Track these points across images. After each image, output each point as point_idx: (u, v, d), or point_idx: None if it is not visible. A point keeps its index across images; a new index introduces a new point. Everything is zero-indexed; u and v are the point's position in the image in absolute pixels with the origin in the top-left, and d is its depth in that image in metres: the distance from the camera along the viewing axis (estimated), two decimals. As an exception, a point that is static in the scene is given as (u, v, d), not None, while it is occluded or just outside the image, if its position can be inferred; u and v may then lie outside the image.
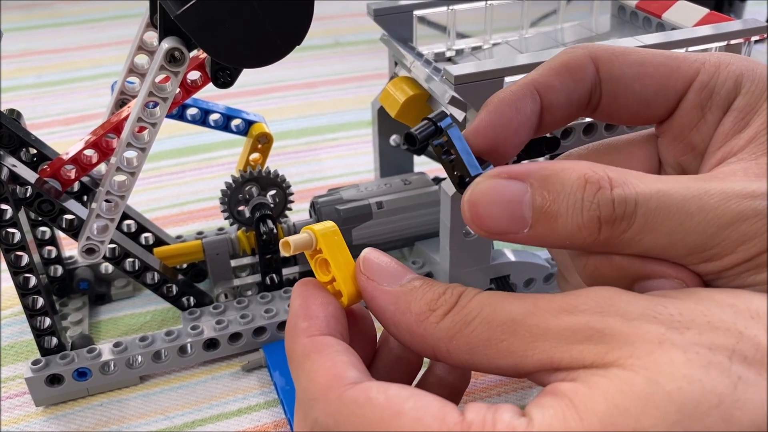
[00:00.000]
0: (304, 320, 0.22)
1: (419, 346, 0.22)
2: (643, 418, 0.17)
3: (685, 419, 0.16)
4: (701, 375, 0.17)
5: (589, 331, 0.19)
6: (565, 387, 0.18)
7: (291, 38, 0.31)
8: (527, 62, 0.35)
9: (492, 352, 0.20)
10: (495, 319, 0.20)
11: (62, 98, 0.76)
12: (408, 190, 0.46)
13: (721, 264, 0.20)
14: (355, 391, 0.20)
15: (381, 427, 0.19)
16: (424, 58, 0.42)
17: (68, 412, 0.39)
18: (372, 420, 0.19)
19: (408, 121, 0.42)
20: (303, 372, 0.21)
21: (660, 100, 0.24)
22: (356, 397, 0.20)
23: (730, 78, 0.23)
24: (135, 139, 0.35)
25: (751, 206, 0.20)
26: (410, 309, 0.22)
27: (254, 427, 0.38)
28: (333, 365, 0.21)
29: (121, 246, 0.40)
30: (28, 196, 0.36)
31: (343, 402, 0.20)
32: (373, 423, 0.19)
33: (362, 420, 0.19)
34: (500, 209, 0.21)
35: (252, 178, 0.43)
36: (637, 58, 0.24)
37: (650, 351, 0.18)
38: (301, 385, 0.21)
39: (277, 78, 0.79)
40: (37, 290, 0.37)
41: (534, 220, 0.21)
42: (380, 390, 0.20)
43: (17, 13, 0.98)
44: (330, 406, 0.20)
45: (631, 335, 0.18)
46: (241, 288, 0.45)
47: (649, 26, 0.46)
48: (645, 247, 0.21)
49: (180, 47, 0.32)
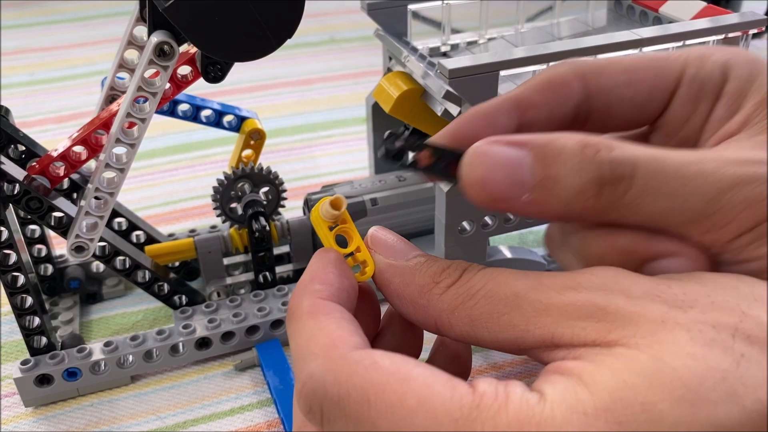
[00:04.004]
0: (319, 283, 0.22)
1: (422, 318, 0.22)
2: (651, 394, 0.17)
3: (690, 394, 0.17)
4: (705, 352, 0.17)
5: (592, 308, 0.19)
6: (571, 365, 0.18)
7: (282, 32, 0.31)
8: (523, 56, 0.34)
9: (493, 325, 0.20)
10: (498, 293, 0.20)
11: (55, 96, 0.75)
12: (403, 186, 0.46)
13: (723, 234, 0.20)
14: (359, 353, 0.19)
15: (386, 389, 0.18)
16: (419, 53, 0.41)
17: (58, 412, 0.38)
18: (377, 382, 0.18)
19: (402, 116, 0.41)
20: (304, 329, 0.21)
21: (653, 102, 0.24)
22: (361, 358, 0.19)
23: (716, 67, 0.23)
24: (124, 135, 0.34)
25: (750, 171, 0.19)
26: (415, 281, 0.22)
27: (247, 427, 0.37)
28: (338, 328, 0.20)
29: (111, 244, 0.40)
30: (15, 194, 0.35)
31: (346, 361, 0.19)
32: (378, 385, 0.18)
33: (365, 381, 0.18)
34: (500, 173, 0.21)
35: (244, 174, 0.43)
36: (624, 66, 0.24)
37: (654, 330, 0.18)
38: (299, 342, 0.21)
39: (271, 75, 0.78)
40: (26, 289, 0.37)
41: (534, 185, 0.20)
42: (386, 356, 0.19)
43: (10, 11, 0.98)
44: (330, 363, 0.19)
45: (635, 314, 0.18)
46: (234, 286, 0.45)
47: (646, 20, 0.45)
48: (645, 213, 0.20)
49: (169, 41, 0.32)
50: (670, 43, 0.37)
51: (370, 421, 0.18)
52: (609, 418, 0.17)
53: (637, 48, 0.36)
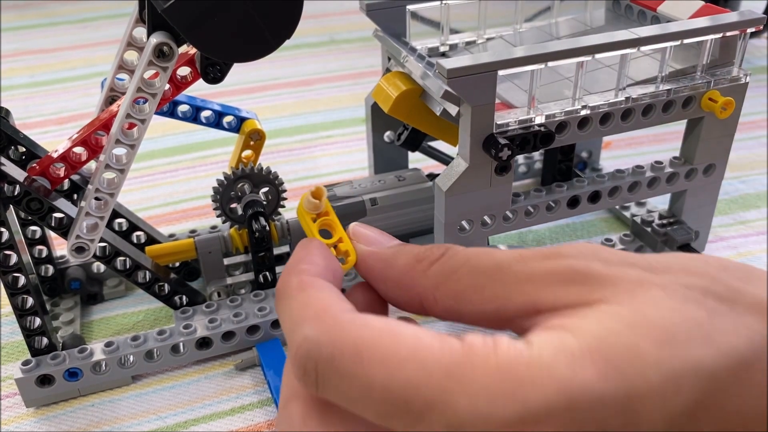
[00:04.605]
0: (306, 264, 0.23)
1: (407, 298, 0.23)
2: (633, 337, 0.18)
3: (670, 337, 0.18)
4: (680, 306, 0.19)
5: (572, 273, 0.20)
6: (556, 322, 0.19)
7: (281, 32, 0.31)
8: (521, 55, 0.34)
9: (477, 298, 0.21)
10: (481, 266, 0.21)
11: (55, 97, 0.75)
12: (402, 186, 0.46)
13: None
14: (351, 315, 0.20)
15: (378, 344, 0.19)
16: (418, 53, 0.41)
17: (59, 412, 0.38)
18: (368, 338, 0.19)
19: (401, 116, 0.41)
20: (295, 302, 0.21)
21: None
22: (353, 318, 0.20)
23: None
24: (124, 136, 0.34)
25: None
26: (398, 263, 0.23)
27: (247, 427, 0.37)
28: (328, 297, 0.21)
29: (111, 245, 0.40)
30: (16, 195, 0.36)
31: (339, 321, 0.20)
32: (370, 341, 0.19)
33: (357, 338, 0.19)
34: None
35: (244, 175, 0.43)
36: None
37: (632, 289, 0.19)
38: (290, 314, 0.21)
39: (271, 76, 0.78)
40: (27, 290, 0.37)
41: None
42: (376, 317, 0.20)
43: (11, 13, 0.98)
44: (323, 325, 0.20)
45: (614, 276, 0.20)
46: (235, 286, 0.45)
47: (644, 19, 0.45)
48: None
49: (168, 42, 0.32)
50: (669, 42, 0.37)
51: (364, 375, 0.19)
52: (595, 357, 0.18)
53: (635, 47, 0.36)
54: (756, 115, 0.67)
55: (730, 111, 0.40)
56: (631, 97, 0.38)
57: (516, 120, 0.36)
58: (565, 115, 0.38)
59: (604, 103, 0.38)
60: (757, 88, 0.72)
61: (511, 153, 0.35)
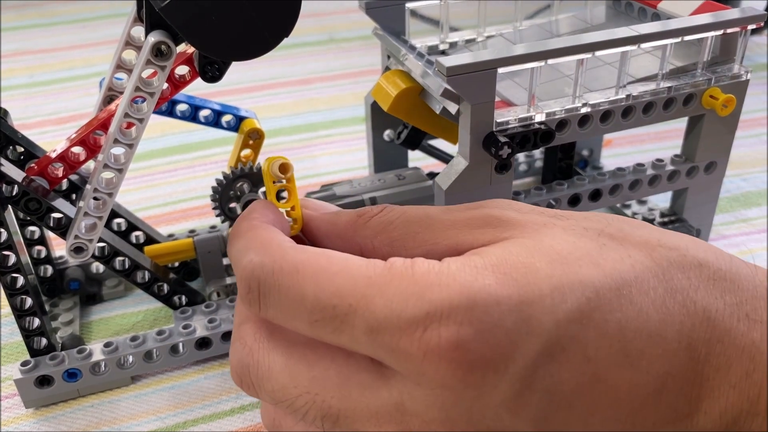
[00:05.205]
0: (258, 214, 0.26)
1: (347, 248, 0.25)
2: (530, 257, 0.21)
3: (562, 259, 0.21)
4: (576, 239, 0.22)
5: (489, 218, 0.24)
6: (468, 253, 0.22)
7: (279, 30, 0.30)
8: (520, 53, 0.34)
9: (409, 243, 0.24)
10: (413, 217, 0.25)
11: (54, 97, 0.75)
12: (402, 185, 0.46)
13: None
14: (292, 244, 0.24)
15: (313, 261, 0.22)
16: (417, 51, 0.41)
17: (59, 413, 0.38)
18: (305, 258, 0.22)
19: (401, 115, 0.41)
20: (243, 238, 0.24)
21: None
22: (294, 246, 0.23)
23: None
24: (122, 136, 0.34)
25: None
26: (341, 219, 0.26)
27: (247, 427, 0.37)
28: (275, 233, 0.24)
29: (110, 245, 0.40)
30: (14, 195, 0.35)
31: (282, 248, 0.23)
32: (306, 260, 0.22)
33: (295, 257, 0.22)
34: None
35: (243, 174, 0.43)
36: None
37: (537, 229, 0.23)
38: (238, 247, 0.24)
39: (271, 75, 0.78)
40: (25, 290, 0.37)
41: None
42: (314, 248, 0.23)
43: (10, 13, 0.98)
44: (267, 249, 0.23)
45: (523, 220, 0.23)
46: (234, 286, 0.45)
47: (645, 17, 0.45)
48: None
49: (166, 41, 0.31)
50: (669, 39, 0.37)
51: (299, 287, 0.22)
52: (495, 270, 0.21)
53: (635, 44, 0.36)
54: (758, 113, 0.67)
55: (731, 108, 0.40)
56: (631, 95, 0.38)
57: (516, 118, 0.36)
58: (565, 112, 0.37)
59: (604, 101, 0.38)
60: (759, 85, 0.71)
61: (511, 151, 0.35)
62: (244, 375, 0.24)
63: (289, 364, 0.23)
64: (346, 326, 0.21)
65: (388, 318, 0.20)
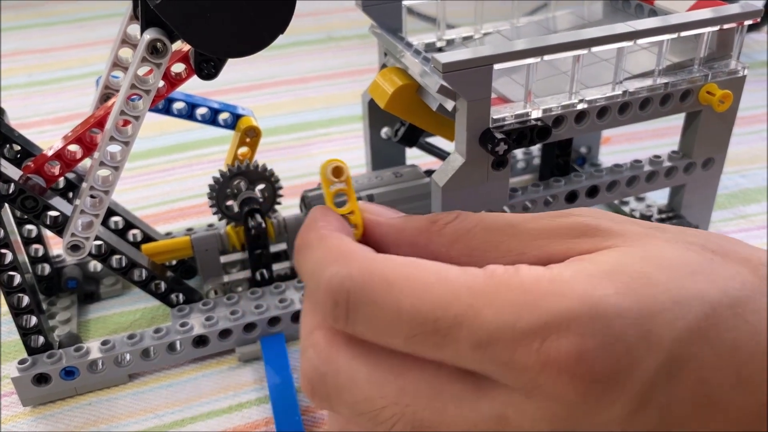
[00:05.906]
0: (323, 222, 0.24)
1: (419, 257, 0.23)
2: (645, 266, 0.20)
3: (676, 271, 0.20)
4: (683, 252, 0.21)
5: (583, 227, 0.22)
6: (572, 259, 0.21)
7: (275, 27, 0.31)
8: (516, 49, 0.34)
9: (491, 254, 0.22)
10: (494, 225, 0.23)
11: (53, 97, 0.75)
12: (399, 182, 0.46)
13: None
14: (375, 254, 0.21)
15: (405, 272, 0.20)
16: (414, 49, 0.41)
17: (56, 411, 0.38)
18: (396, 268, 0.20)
19: (398, 112, 0.41)
20: (317, 250, 0.22)
21: None
22: (377, 256, 0.21)
23: None
24: (118, 133, 0.34)
25: None
26: (410, 226, 0.24)
27: (245, 425, 0.37)
28: (351, 242, 0.22)
29: (107, 243, 0.40)
30: (11, 193, 0.35)
31: (367, 259, 0.21)
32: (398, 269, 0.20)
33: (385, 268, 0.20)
34: None
35: (240, 172, 0.43)
36: None
37: (639, 239, 0.21)
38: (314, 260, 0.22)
39: (268, 73, 0.78)
40: (22, 288, 0.37)
41: None
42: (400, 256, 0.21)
43: (8, 13, 0.98)
44: (351, 261, 0.21)
45: (622, 230, 0.22)
46: (231, 284, 0.45)
47: (642, 13, 0.45)
48: None
49: (162, 38, 0.31)
50: (666, 34, 0.37)
51: (394, 300, 0.20)
52: (612, 278, 0.19)
53: (632, 40, 0.36)
54: (757, 110, 0.67)
55: (728, 104, 0.40)
56: (628, 91, 0.38)
57: (512, 114, 0.36)
58: (561, 109, 0.37)
59: (601, 97, 0.38)
60: (758, 82, 0.71)
61: (507, 147, 0.35)
62: (318, 384, 0.22)
63: (375, 373, 0.21)
64: (450, 340, 0.19)
65: (501, 329, 0.19)
